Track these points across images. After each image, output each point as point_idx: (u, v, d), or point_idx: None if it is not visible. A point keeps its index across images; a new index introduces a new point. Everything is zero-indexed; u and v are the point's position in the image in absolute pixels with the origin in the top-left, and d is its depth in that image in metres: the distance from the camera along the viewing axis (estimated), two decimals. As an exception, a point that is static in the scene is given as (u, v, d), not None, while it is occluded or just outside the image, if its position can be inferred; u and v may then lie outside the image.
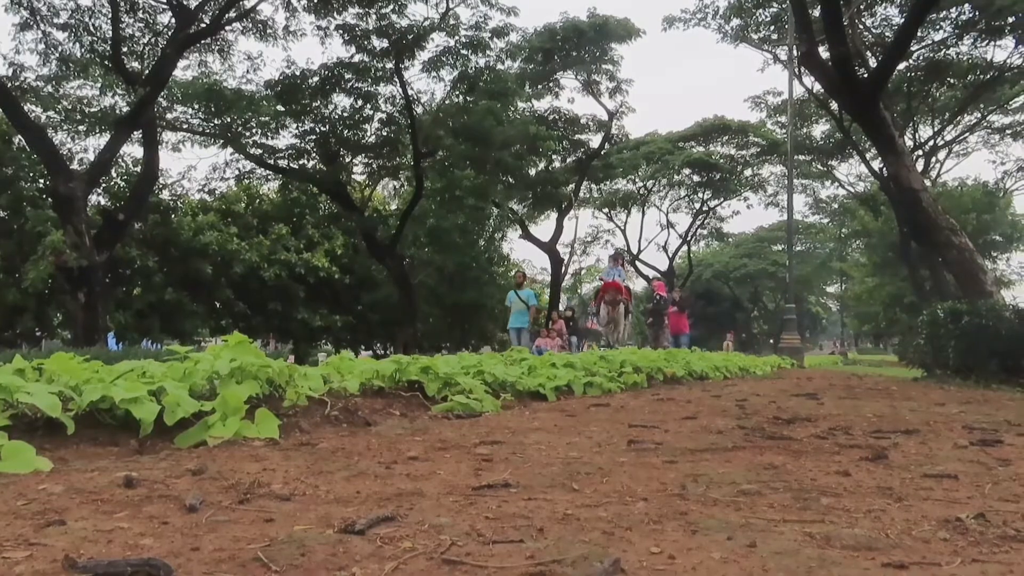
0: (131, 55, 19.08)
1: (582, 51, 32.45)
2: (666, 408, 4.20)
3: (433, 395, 4.31)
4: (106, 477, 1.69)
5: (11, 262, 21.87)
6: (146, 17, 18.92)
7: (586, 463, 2.05)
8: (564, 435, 2.79)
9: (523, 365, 5.99)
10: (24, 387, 2.29)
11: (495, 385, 5.01)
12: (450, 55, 24.42)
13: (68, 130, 20.69)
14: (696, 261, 60.36)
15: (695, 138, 46.49)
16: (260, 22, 20.74)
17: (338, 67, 23.45)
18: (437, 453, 2.23)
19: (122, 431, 2.54)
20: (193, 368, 2.98)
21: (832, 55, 12.06)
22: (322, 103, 24.32)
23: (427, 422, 3.43)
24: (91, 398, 2.44)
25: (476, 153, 25.86)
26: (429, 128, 25.29)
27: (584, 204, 45.77)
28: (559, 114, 33.74)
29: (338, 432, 3.02)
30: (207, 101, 22.05)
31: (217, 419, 2.56)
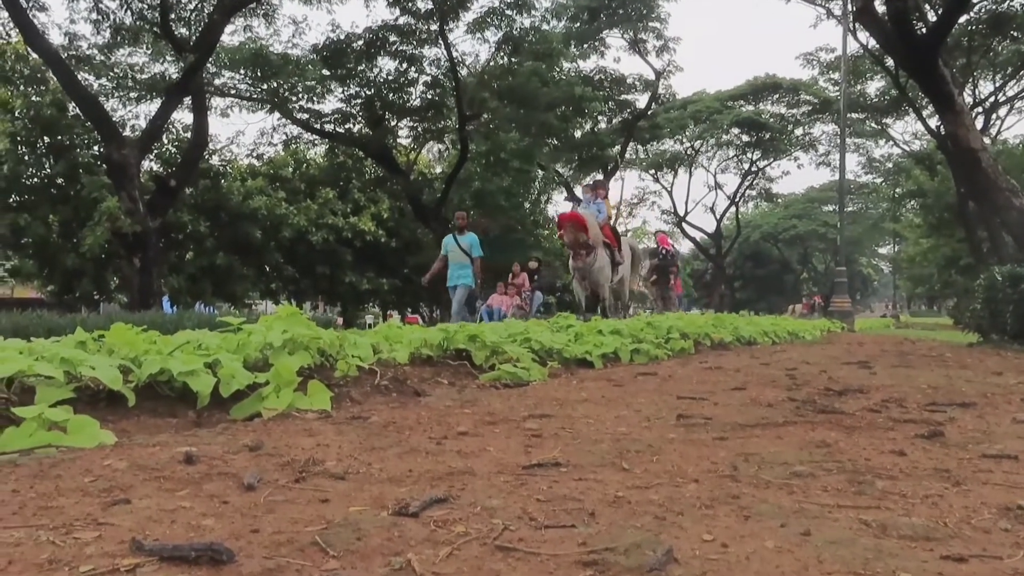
0: (179, 21, 19.24)
1: (629, 9, 31.89)
2: (714, 378, 4.18)
3: (481, 363, 4.34)
4: (167, 453, 1.74)
5: (69, 228, 22.42)
6: (193, -17, 19.01)
7: (635, 439, 2.05)
8: (612, 408, 2.79)
9: (570, 332, 5.99)
10: (87, 360, 2.36)
11: (542, 352, 5.02)
12: (495, 16, 24.17)
13: (120, 97, 21.04)
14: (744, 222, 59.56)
15: (744, 97, 45.58)
16: (302, -15, 20.68)
17: (383, 30, 23.37)
18: (487, 427, 2.25)
19: (180, 402, 2.61)
20: (247, 340, 3.04)
21: (889, 10, 11.68)
22: (367, 67, 24.31)
23: (475, 392, 3.46)
24: (150, 371, 2.51)
25: (521, 115, 25.69)
26: (474, 90, 25.15)
27: (630, 165, 45.36)
28: (605, 74, 33.28)
29: (388, 403, 3.06)
30: (254, 66, 22.21)
31: (271, 391, 2.62)
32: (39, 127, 21.88)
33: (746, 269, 66.19)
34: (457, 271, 11.09)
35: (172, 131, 23.54)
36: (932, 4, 19.20)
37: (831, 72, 37.85)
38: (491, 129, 26.81)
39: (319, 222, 27.00)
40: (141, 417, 2.43)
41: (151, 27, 18.47)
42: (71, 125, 22.18)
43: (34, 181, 22.83)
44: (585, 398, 3.12)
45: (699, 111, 43.94)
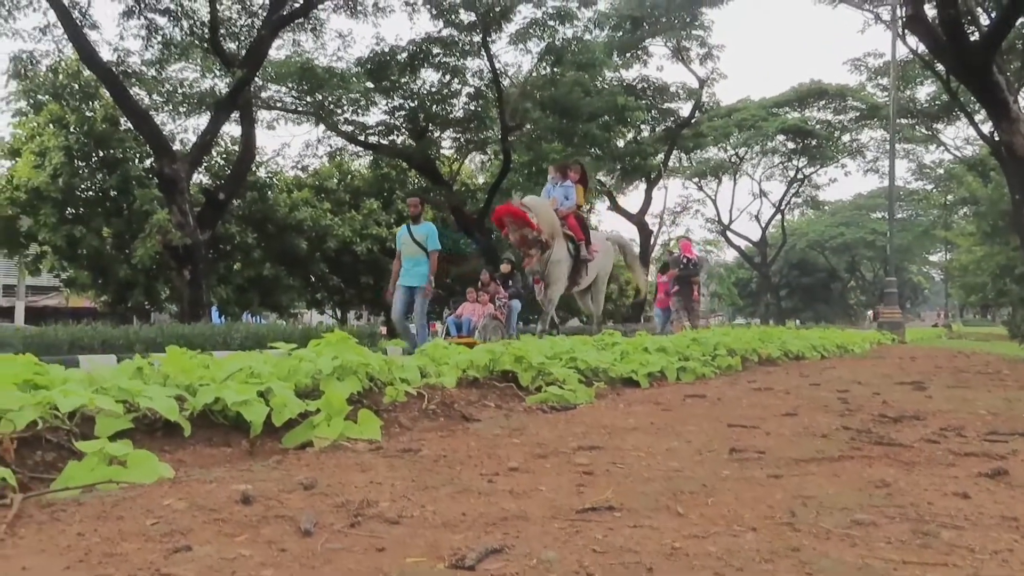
0: (228, 36, 19.62)
1: (672, 17, 31.77)
2: (764, 401, 4.12)
3: (527, 385, 4.34)
4: (224, 491, 1.76)
5: (121, 239, 22.95)
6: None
7: (688, 477, 2.02)
8: (662, 438, 2.77)
9: (615, 350, 5.96)
10: (145, 391, 2.40)
11: (587, 372, 5.00)
12: (537, 27, 24.25)
13: (170, 112, 21.50)
14: (790, 230, 58.82)
15: (790, 103, 45.04)
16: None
17: (426, 42, 23.59)
18: (537, 462, 2.24)
19: (234, 431, 2.65)
20: (297, 366, 3.07)
21: (940, 16, 11.48)
22: (411, 79, 24.56)
23: (523, 418, 3.46)
24: (205, 400, 2.55)
25: (563, 125, 25.70)
26: (516, 101, 25.24)
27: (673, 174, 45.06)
28: (648, 83, 33.15)
29: (437, 429, 3.08)
30: (300, 79, 22.55)
31: (322, 420, 2.64)
32: (93, 141, 22.45)
33: (792, 278, 65.35)
34: (411, 267, 9.41)
35: (220, 144, 23.99)
36: (985, 8, 18.80)
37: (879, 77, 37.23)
38: (533, 139, 26.87)
39: (363, 232, 27.28)
40: (197, 447, 2.47)
41: (200, 43, 18.86)
42: (123, 139, 22.72)
43: (88, 194, 23.41)
44: (634, 426, 3.10)
45: (744, 119, 43.53)
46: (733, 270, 68.85)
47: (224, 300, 24.42)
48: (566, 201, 9.85)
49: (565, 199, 9.85)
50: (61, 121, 22.16)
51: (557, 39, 24.53)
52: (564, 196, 9.84)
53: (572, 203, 9.91)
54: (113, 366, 10.70)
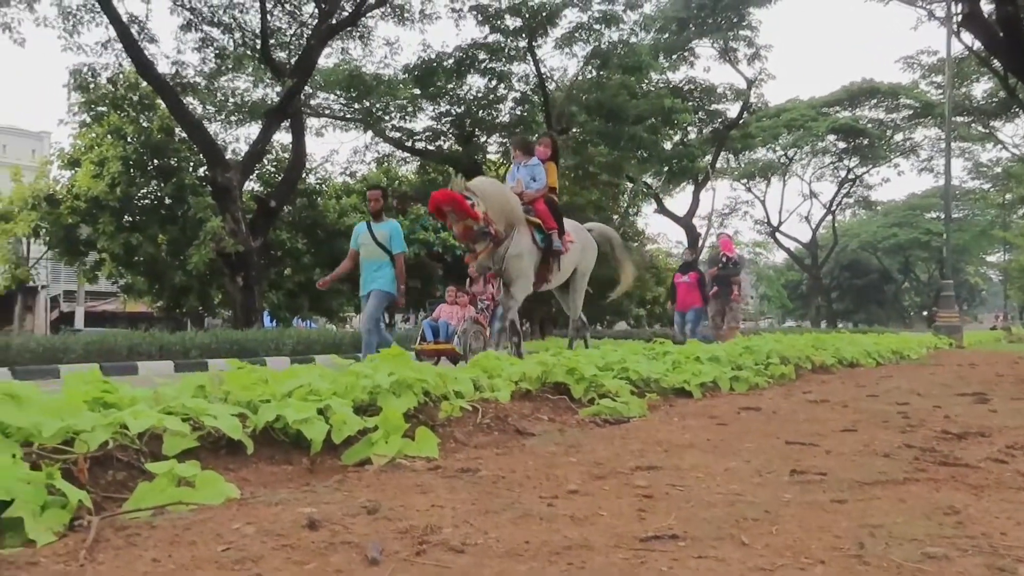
0: (278, 47, 19.95)
1: (718, 18, 31.50)
2: (822, 414, 4.05)
3: (579, 397, 4.33)
4: (290, 515, 1.79)
5: (176, 246, 23.47)
6: (292, 9, 19.70)
7: (750, 502, 2.00)
8: (720, 456, 2.74)
9: (666, 360, 5.92)
10: (209, 410, 2.46)
11: (639, 382, 4.98)
12: (583, 30, 24.21)
13: (222, 121, 21.94)
14: (841, 231, 57.81)
15: (840, 103, 44.31)
16: (398, 7, 21.19)
17: (472, 48, 23.70)
18: (595, 483, 2.24)
19: (294, 448, 2.69)
20: (355, 382, 3.11)
21: (998, 14, 11.20)
22: (457, 84, 24.69)
23: (577, 433, 3.45)
24: (267, 418, 2.60)
25: (609, 128, 25.62)
26: (562, 105, 25.22)
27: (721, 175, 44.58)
28: (694, 84, 32.89)
29: (492, 444, 3.09)
30: (348, 87, 22.81)
31: (380, 437, 2.67)
32: (149, 151, 23.00)
33: (843, 279, 64.19)
34: (373, 272, 8.14)
35: (271, 152, 24.41)
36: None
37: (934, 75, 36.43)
38: (580, 143, 26.82)
39: (411, 237, 27.47)
40: (259, 464, 2.52)
41: (252, 53, 19.21)
42: (178, 149, 23.25)
43: (144, 202, 24.00)
44: (690, 442, 3.08)
45: (793, 119, 42.93)
46: (782, 272, 67.90)
47: (275, 305, 24.81)
48: (533, 183, 7.98)
49: (532, 180, 8.01)
50: (119, 132, 22.76)
51: (603, 42, 24.46)
52: (531, 177, 8.04)
53: (542, 184, 8.01)
54: (170, 372, 10.90)
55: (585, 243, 8.79)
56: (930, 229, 53.30)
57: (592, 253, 8.96)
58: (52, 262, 28.84)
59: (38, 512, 1.73)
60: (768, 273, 67.26)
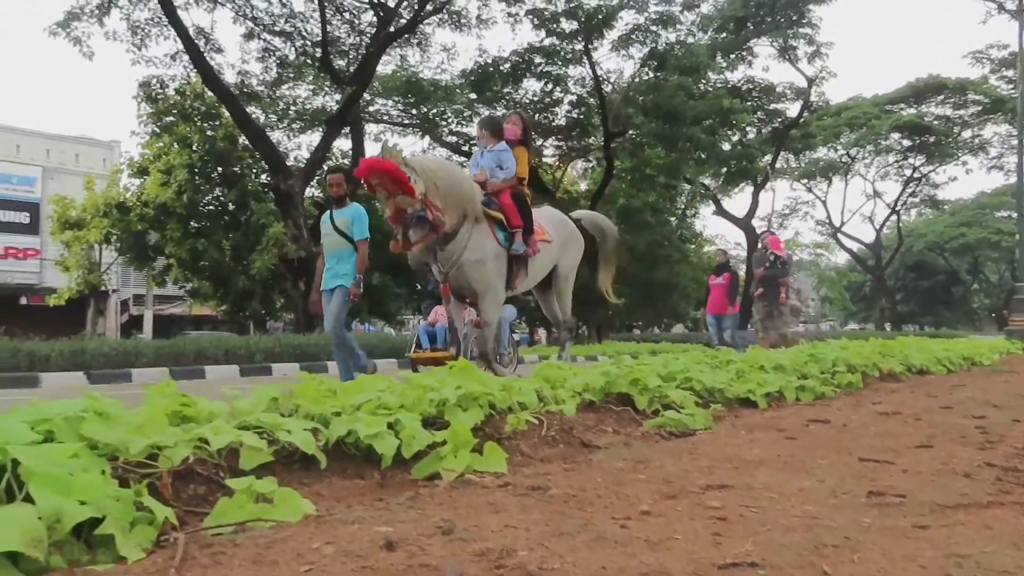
0: (337, 55, 20.28)
1: (777, 16, 31.04)
2: (895, 428, 3.96)
3: (643, 408, 4.31)
4: (366, 534, 1.82)
5: (240, 251, 24.00)
6: (351, 18, 20.03)
7: (828, 526, 1.97)
8: (792, 474, 2.70)
9: (730, 369, 5.85)
10: (283, 424, 2.51)
11: (703, 392, 4.93)
12: (640, 32, 24.13)
13: (284, 129, 22.39)
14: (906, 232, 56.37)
15: (905, 100, 43.21)
16: (455, 13, 21.39)
17: (528, 52, 23.78)
18: (667, 503, 2.22)
19: (365, 462, 2.73)
20: (422, 395, 3.14)
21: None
22: (513, 88, 24.78)
23: (643, 447, 3.43)
24: (338, 433, 2.65)
25: (667, 130, 25.48)
26: (619, 107, 25.15)
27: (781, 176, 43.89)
28: (753, 84, 32.49)
29: (559, 459, 3.09)
30: (406, 93, 23.08)
31: (449, 452, 2.70)
32: (214, 159, 23.59)
33: (908, 281, 62.54)
34: (335, 265, 7.34)
35: (332, 158, 24.80)
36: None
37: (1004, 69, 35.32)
38: (636, 145, 26.70)
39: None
40: (332, 479, 2.57)
41: (312, 62, 19.56)
42: (242, 156, 23.79)
43: (209, 209, 24.61)
44: (760, 458, 3.04)
45: (855, 117, 42.02)
46: (845, 274, 66.50)
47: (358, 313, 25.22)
48: (499, 172, 6.67)
49: (498, 168, 6.67)
50: (185, 140, 23.39)
51: (660, 44, 24.34)
52: (496, 164, 6.69)
53: (510, 174, 6.69)
54: (236, 376, 11.13)
55: (567, 238, 7.52)
56: (1000, 228, 51.60)
57: (576, 248, 7.69)
58: (122, 267, 29.74)
59: (128, 529, 1.79)
60: (830, 275, 65.96)
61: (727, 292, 13.19)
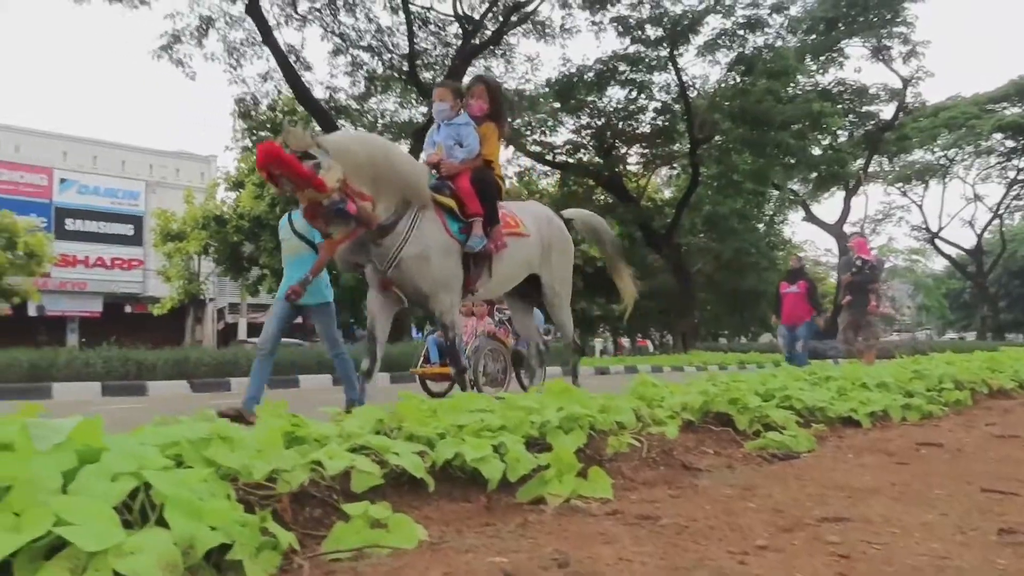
0: (424, 67, 20.61)
1: (870, 15, 30.16)
2: (1014, 453, 3.78)
3: (743, 429, 4.22)
4: (482, 563, 1.83)
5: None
6: (436, 31, 20.32)
7: (959, 567, 1.89)
8: (911, 504, 2.60)
9: (830, 385, 5.68)
10: (392, 447, 2.55)
11: (803, 411, 4.81)
12: (726, 37, 23.80)
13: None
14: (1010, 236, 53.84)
15: (1008, 99, 41.37)
16: (538, 23, 21.47)
17: (612, 60, 23.70)
18: (783, 537, 2.17)
19: (471, 484, 2.75)
20: (524, 417, 3.15)
21: None
22: (597, 97, 24.72)
23: (748, 472, 3.36)
24: (445, 456, 2.67)
25: (754, 135, 25.05)
26: (705, 113, 24.83)
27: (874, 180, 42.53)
28: (845, 85, 31.65)
29: (662, 483, 3.05)
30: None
31: (553, 476, 2.70)
32: (305, 172, 24.21)
33: (1012, 288, 59.65)
34: (292, 272, 6.52)
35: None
36: None
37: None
38: (723, 151, 26.30)
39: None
40: (439, 502, 2.59)
41: (399, 75, 19.93)
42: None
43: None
44: (873, 486, 2.94)
45: (953, 117, 40.43)
46: (943, 281, 63.87)
47: (421, 319, 25.53)
48: (458, 150, 5.54)
49: (457, 145, 5.54)
50: (278, 154, 24.09)
51: (747, 48, 23.92)
52: (455, 140, 5.56)
53: (471, 152, 5.53)
54: (328, 386, 11.33)
55: (553, 238, 6.20)
56: (1117, 233, 48.76)
57: (562, 250, 6.34)
58: (218, 277, 30.83)
59: (255, 554, 1.85)
60: (926, 282, 63.47)
61: (805, 300, 12.25)
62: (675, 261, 25.93)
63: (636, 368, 20.39)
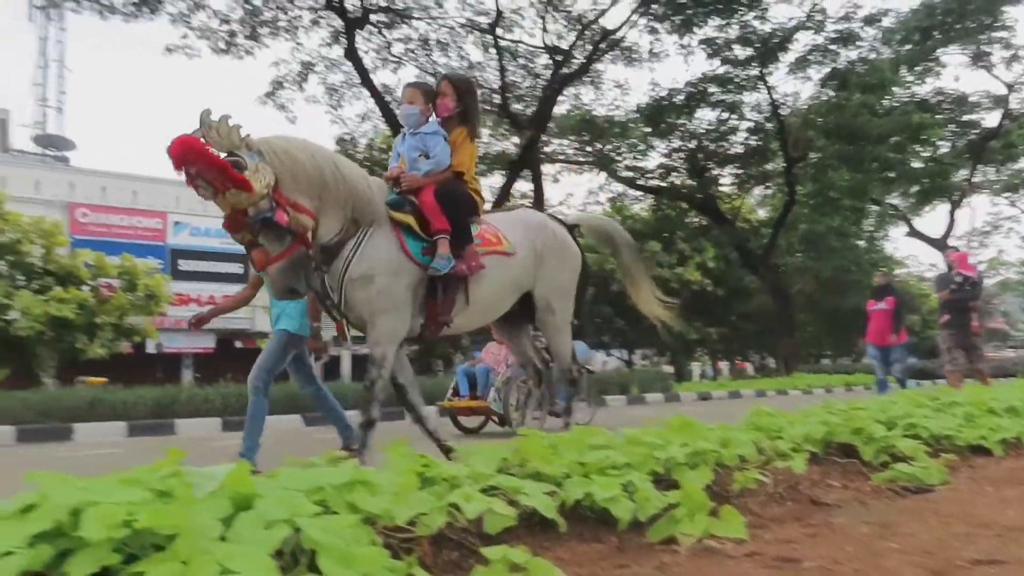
0: (515, 99, 20.89)
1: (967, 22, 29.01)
2: None
3: (868, 460, 4.08)
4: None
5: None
6: (525, 63, 20.58)
7: None
8: (1068, 545, 2.47)
9: (956, 411, 5.44)
10: (522, 488, 2.58)
11: (929, 439, 4.62)
12: (818, 52, 23.31)
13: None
14: None
15: None
16: (626, 49, 21.48)
17: (702, 81, 23.48)
18: (938, 582, 2.09)
19: (599, 524, 2.75)
20: (648, 453, 3.13)
21: None
22: (687, 119, 24.53)
23: (881, 507, 3.25)
24: (575, 496, 2.68)
25: (851, 151, 24.40)
26: (798, 131, 24.35)
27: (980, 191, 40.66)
28: (943, 95, 30.50)
29: (791, 519, 2.98)
30: (581, 131, 23.38)
31: (684, 515, 2.67)
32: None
33: None
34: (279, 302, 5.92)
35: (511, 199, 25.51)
36: None
37: None
38: (819, 168, 25.68)
39: (646, 274, 27.49)
40: (570, 543, 2.60)
41: (492, 108, 20.25)
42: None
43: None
44: (1020, 523, 2.80)
45: (1066, 120, 38.38)
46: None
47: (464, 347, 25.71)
48: (423, 162, 4.81)
49: (423, 157, 4.83)
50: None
51: (839, 62, 23.37)
52: (418, 151, 4.86)
53: (439, 164, 4.79)
54: (434, 415, 11.32)
55: (546, 249, 5.27)
56: None
57: (564, 263, 5.40)
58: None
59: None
60: (1040, 298, 60.10)
61: (892, 318, 11.74)
62: (773, 282, 25.37)
63: (739, 393, 19.93)
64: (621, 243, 6.11)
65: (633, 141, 23.73)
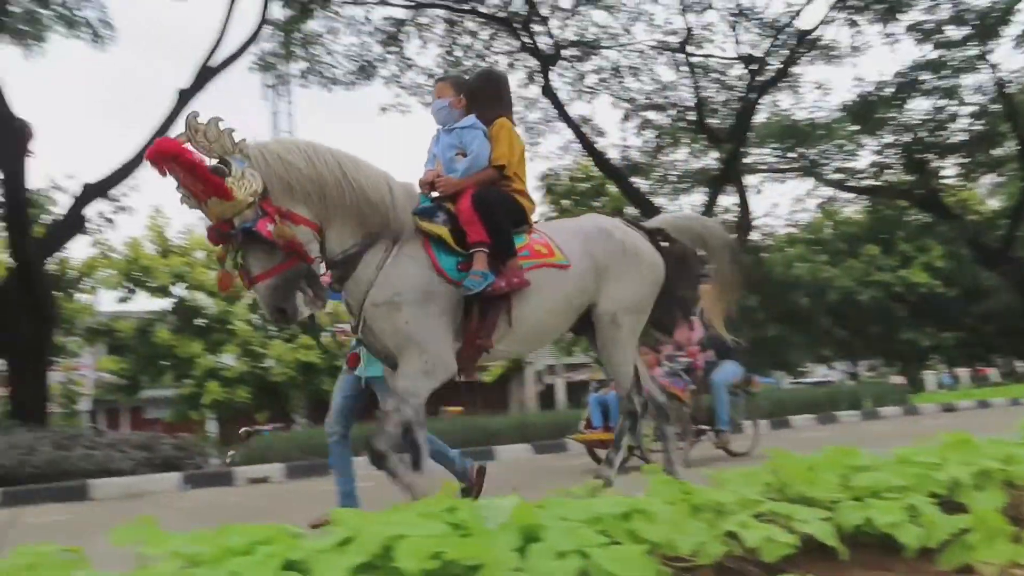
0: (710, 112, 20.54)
1: None
2: None
3: None
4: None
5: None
6: (717, 76, 20.21)
7: None
8: None
9: None
10: (796, 513, 2.51)
11: None
12: (1049, 20, 21.08)
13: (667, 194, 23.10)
14: None
15: None
16: (824, 47, 20.56)
17: (912, 70, 21.96)
18: None
19: (879, 549, 2.62)
20: (924, 474, 2.95)
21: None
22: (899, 112, 22.99)
23: None
24: (853, 521, 2.57)
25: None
26: (1033, 110, 22.11)
27: None
28: None
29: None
30: (783, 138, 22.54)
31: (979, 541, 2.49)
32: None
33: None
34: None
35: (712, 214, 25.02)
36: None
37: None
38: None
39: (866, 280, 25.96)
40: (854, 571, 2.50)
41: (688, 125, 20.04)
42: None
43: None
44: None
45: None
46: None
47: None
48: (459, 161, 4.24)
49: (459, 156, 4.25)
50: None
51: (1078, 25, 21.03)
52: (454, 149, 4.28)
53: (479, 163, 4.21)
54: (530, 456, 11.13)
55: (611, 259, 4.44)
56: None
57: (634, 275, 4.50)
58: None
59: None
60: None
61: None
62: (1016, 278, 23.07)
63: (988, 402, 18.19)
64: (716, 244, 5.08)
65: (840, 141, 22.50)
